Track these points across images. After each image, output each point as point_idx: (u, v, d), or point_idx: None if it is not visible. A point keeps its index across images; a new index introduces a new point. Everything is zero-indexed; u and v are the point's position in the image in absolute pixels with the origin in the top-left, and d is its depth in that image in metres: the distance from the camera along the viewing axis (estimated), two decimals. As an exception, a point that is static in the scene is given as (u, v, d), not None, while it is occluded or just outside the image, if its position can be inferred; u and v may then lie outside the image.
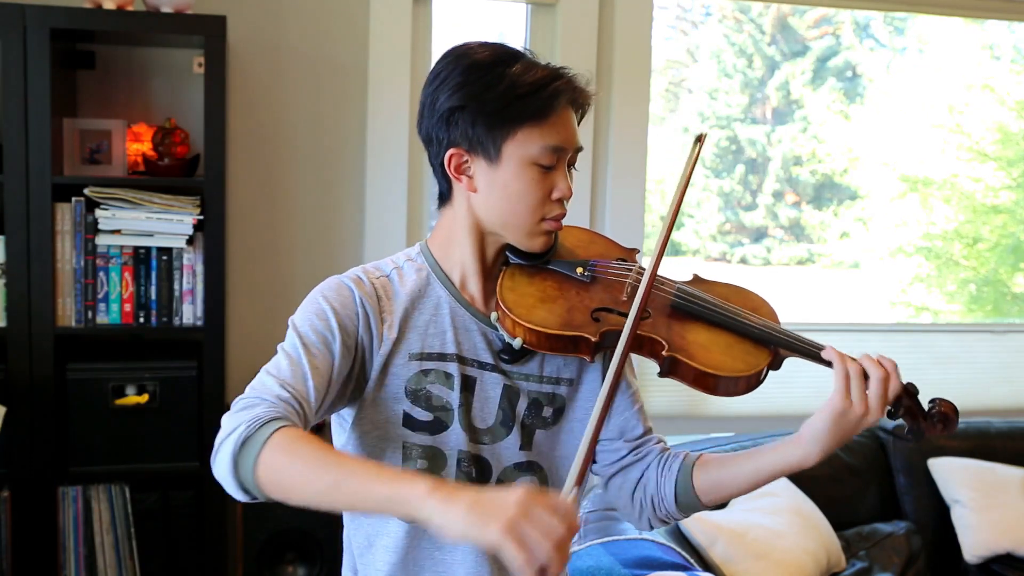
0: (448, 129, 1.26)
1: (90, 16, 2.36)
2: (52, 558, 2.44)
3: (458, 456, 1.30)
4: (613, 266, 1.36)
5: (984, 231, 4.00)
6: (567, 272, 1.34)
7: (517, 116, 1.23)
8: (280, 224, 2.81)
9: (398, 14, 2.79)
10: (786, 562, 2.36)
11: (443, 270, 1.34)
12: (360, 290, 1.27)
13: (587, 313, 1.29)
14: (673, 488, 1.34)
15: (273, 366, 1.19)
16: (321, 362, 1.20)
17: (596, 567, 1.90)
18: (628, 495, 1.39)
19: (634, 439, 1.40)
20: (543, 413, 1.35)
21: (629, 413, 1.40)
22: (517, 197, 1.26)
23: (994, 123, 3.92)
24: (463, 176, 1.28)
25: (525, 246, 1.31)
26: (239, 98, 2.72)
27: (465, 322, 1.32)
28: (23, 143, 2.31)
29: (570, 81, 1.27)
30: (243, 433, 1.07)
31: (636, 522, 1.41)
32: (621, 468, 1.40)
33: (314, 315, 1.24)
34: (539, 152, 1.25)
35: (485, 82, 1.23)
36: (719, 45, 4.03)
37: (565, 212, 1.30)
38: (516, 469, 1.33)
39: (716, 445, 2.80)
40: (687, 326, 1.31)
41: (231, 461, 1.07)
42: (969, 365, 3.54)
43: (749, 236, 4.14)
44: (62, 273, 2.39)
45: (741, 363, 1.28)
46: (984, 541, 2.83)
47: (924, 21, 3.87)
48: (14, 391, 2.36)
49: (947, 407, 1.29)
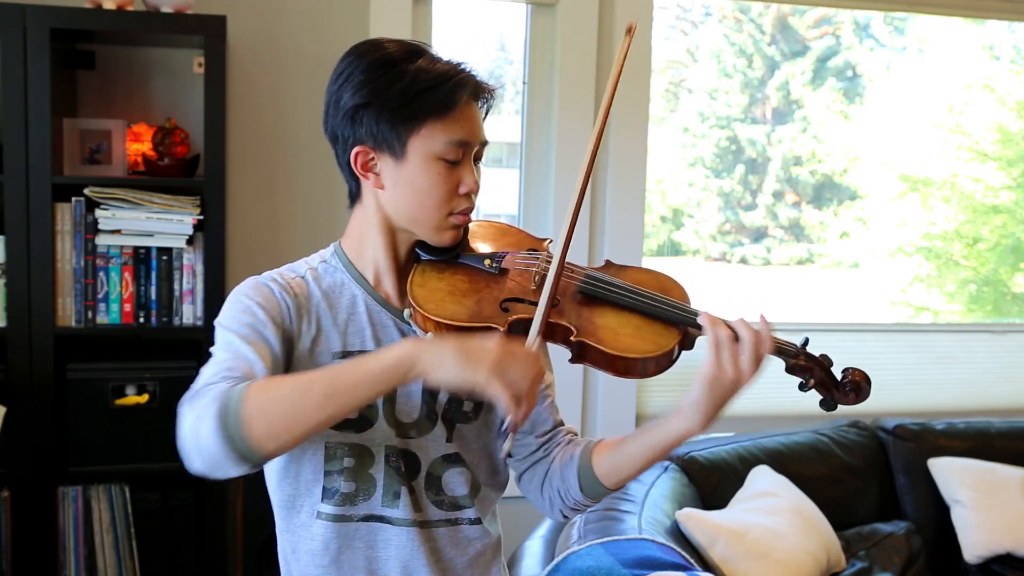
0: (353, 127, 1.26)
1: (90, 16, 2.36)
2: (52, 558, 2.44)
3: (386, 451, 1.30)
4: (520, 256, 1.37)
5: (984, 231, 4.00)
6: (476, 265, 1.34)
7: (420, 111, 1.23)
8: (280, 224, 2.81)
9: (398, 14, 2.79)
10: (786, 562, 2.36)
11: (357, 269, 1.34)
12: (278, 288, 1.27)
13: (496, 304, 1.29)
14: (576, 476, 1.35)
15: (212, 366, 1.17)
16: (261, 348, 1.19)
17: (596, 567, 1.90)
18: (538, 489, 1.41)
19: (544, 433, 1.41)
20: (463, 408, 1.35)
21: (541, 407, 1.41)
22: (424, 192, 1.27)
23: (994, 123, 3.92)
24: (370, 174, 1.29)
25: (434, 241, 1.32)
26: (239, 98, 2.72)
27: (382, 319, 1.32)
28: (23, 143, 2.31)
29: (471, 75, 1.27)
30: (216, 406, 1.05)
31: (549, 514, 1.43)
32: (532, 463, 1.41)
33: (240, 311, 1.23)
34: (443, 147, 1.25)
35: (387, 79, 1.24)
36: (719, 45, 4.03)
37: (473, 206, 1.31)
38: (444, 461, 1.34)
39: (716, 445, 2.81)
40: (596, 311, 1.31)
41: (217, 433, 1.04)
42: (969, 365, 3.54)
43: (749, 236, 4.14)
44: (62, 273, 2.39)
45: (650, 344, 1.28)
46: (984, 541, 2.83)
47: (924, 21, 3.86)
48: (14, 391, 2.36)
49: (859, 375, 1.33)
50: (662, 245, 3.97)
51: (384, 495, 1.31)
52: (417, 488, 1.32)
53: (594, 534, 2.10)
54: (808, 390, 1.34)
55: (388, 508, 1.31)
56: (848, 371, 1.34)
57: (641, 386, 3.18)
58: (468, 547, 1.37)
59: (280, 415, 1.06)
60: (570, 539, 2.12)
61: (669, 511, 2.36)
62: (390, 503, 1.31)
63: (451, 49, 1.32)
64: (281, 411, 1.06)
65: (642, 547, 1.98)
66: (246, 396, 1.05)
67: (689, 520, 2.33)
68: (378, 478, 1.30)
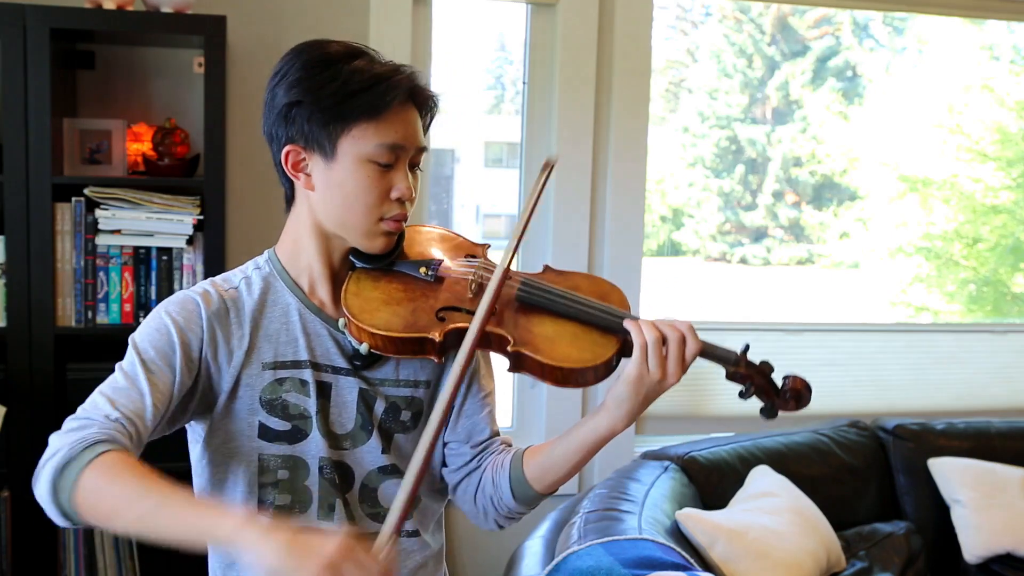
0: (286, 125, 1.24)
1: (90, 16, 2.36)
2: (52, 558, 2.44)
3: (319, 463, 1.28)
4: (457, 264, 1.34)
5: (984, 231, 4.00)
6: (412, 273, 1.31)
7: (351, 112, 1.20)
8: (280, 224, 2.80)
9: (398, 14, 2.79)
10: (786, 562, 2.36)
11: (291, 276, 1.31)
12: (206, 305, 1.25)
13: (432, 313, 1.26)
14: (508, 483, 1.32)
15: (108, 386, 1.18)
16: (160, 379, 1.18)
17: (596, 567, 1.89)
18: (472, 499, 1.37)
19: (479, 443, 1.37)
20: (401, 417, 1.32)
21: (478, 417, 1.37)
22: (353, 196, 1.23)
23: (994, 123, 3.92)
24: (301, 174, 1.26)
25: (365, 247, 1.28)
26: (239, 98, 2.72)
27: (316, 328, 1.29)
28: (23, 143, 2.30)
29: (409, 78, 1.24)
30: (65, 456, 1.05)
31: (484, 524, 1.39)
32: (467, 474, 1.38)
33: (155, 330, 1.22)
34: (374, 149, 1.22)
35: (322, 78, 1.21)
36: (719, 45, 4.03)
37: (405, 212, 1.27)
38: (380, 473, 1.31)
39: (716, 445, 2.80)
40: (533, 319, 1.28)
41: (50, 484, 1.05)
42: (969, 365, 3.54)
43: (749, 236, 4.14)
44: (62, 273, 2.39)
45: (588, 353, 1.25)
46: (984, 541, 2.83)
47: (923, 21, 3.87)
48: (14, 391, 2.36)
49: (799, 383, 1.29)
50: (662, 245, 3.98)
51: (319, 508, 1.28)
52: (351, 500, 1.30)
53: (594, 534, 2.10)
54: (748, 397, 1.31)
55: (323, 521, 1.28)
56: (788, 379, 1.30)
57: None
58: (407, 560, 1.34)
59: (106, 506, 1.05)
60: (570, 539, 2.12)
61: (669, 511, 2.36)
62: (325, 516, 1.28)
63: (451, 49, 1.31)
64: (108, 504, 1.04)
65: (642, 547, 1.98)
66: (91, 466, 1.04)
67: (689, 520, 2.33)
68: (313, 490, 1.28)
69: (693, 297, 3.99)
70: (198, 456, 1.32)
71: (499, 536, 2.59)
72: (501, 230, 3.65)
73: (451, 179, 3.52)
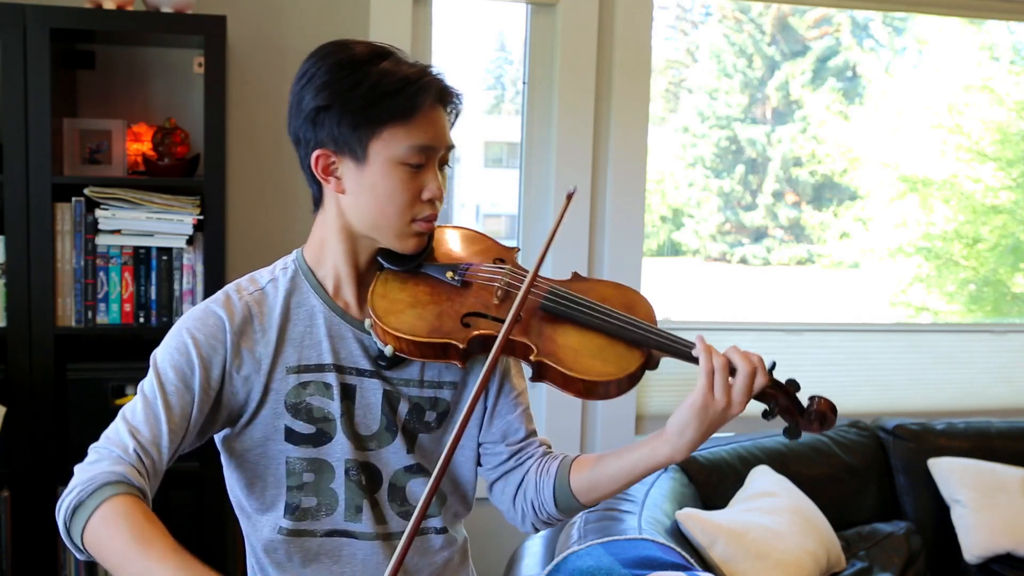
0: (314, 129, 1.23)
1: (90, 16, 2.36)
2: (52, 558, 2.44)
3: (346, 465, 1.28)
4: (484, 269, 1.33)
5: (984, 231, 4.00)
6: (439, 276, 1.30)
7: (382, 115, 1.20)
8: (280, 224, 2.81)
9: (398, 14, 2.79)
10: (786, 562, 2.36)
11: (316, 278, 1.31)
12: (229, 318, 1.25)
13: (457, 319, 1.26)
14: (551, 491, 1.32)
15: (129, 409, 1.21)
16: (177, 401, 1.19)
17: (596, 567, 1.89)
18: (510, 500, 1.38)
19: (516, 443, 1.37)
20: (425, 418, 1.33)
21: (512, 416, 1.38)
22: (385, 198, 1.23)
23: (994, 123, 3.92)
24: (331, 177, 1.26)
25: (397, 248, 1.29)
26: (239, 98, 2.72)
27: (340, 330, 1.30)
28: (23, 143, 2.30)
29: (436, 79, 1.24)
30: (75, 499, 1.09)
31: (520, 525, 1.40)
32: (503, 473, 1.38)
33: (175, 350, 1.23)
34: (406, 151, 1.22)
35: (350, 81, 1.20)
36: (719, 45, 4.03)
37: (436, 213, 1.28)
38: (406, 472, 1.32)
39: (716, 445, 2.81)
40: (558, 329, 1.27)
41: (63, 526, 1.10)
42: (969, 365, 3.54)
43: (749, 236, 4.14)
44: (62, 273, 2.39)
45: (612, 366, 1.24)
46: (984, 541, 2.83)
47: (923, 21, 3.87)
48: (14, 391, 2.36)
49: (824, 405, 1.26)
50: (662, 245, 3.97)
51: (347, 510, 1.29)
52: (380, 501, 1.31)
53: (594, 534, 2.10)
54: (773, 417, 1.28)
55: (351, 523, 1.30)
56: (814, 399, 1.28)
57: (641, 386, 3.18)
58: (435, 556, 1.36)
59: (106, 555, 1.07)
60: (570, 539, 2.12)
61: (669, 511, 2.36)
62: (353, 517, 1.29)
63: (451, 49, 1.31)
64: (108, 553, 1.07)
65: (642, 547, 1.98)
66: (96, 515, 1.07)
67: (689, 520, 2.33)
68: (339, 493, 1.29)
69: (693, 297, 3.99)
70: (227, 460, 1.33)
71: (499, 536, 2.59)
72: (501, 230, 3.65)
73: (451, 179, 3.51)
